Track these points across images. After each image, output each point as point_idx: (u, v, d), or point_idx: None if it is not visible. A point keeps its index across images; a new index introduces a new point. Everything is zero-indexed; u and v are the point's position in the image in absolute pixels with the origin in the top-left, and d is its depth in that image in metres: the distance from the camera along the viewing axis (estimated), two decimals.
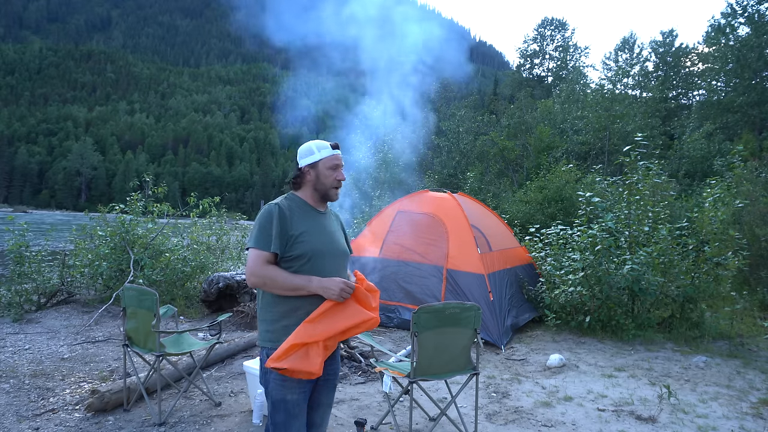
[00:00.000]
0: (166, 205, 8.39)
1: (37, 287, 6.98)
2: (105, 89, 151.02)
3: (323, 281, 2.11)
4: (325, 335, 2.02)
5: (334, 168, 2.29)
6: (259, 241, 2.14)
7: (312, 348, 2.00)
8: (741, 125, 22.07)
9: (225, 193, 23.15)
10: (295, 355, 1.99)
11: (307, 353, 1.99)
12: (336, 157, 2.31)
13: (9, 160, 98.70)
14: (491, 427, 3.77)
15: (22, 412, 3.75)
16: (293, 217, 2.19)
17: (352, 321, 2.08)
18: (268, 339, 2.16)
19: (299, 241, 2.16)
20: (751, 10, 22.64)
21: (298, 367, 1.97)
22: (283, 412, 2.11)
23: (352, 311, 2.10)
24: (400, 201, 7.40)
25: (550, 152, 19.55)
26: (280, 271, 2.12)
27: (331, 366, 2.29)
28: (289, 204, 2.24)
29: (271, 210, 2.17)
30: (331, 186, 2.29)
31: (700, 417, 4.01)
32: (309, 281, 2.10)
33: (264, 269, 2.11)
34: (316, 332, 2.02)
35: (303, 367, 1.97)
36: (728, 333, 6.38)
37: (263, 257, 2.12)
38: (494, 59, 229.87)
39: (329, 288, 2.09)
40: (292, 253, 2.15)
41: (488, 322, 5.78)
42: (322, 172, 2.28)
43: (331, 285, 2.09)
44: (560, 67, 40.43)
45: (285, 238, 2.14)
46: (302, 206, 2.28)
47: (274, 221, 2.14)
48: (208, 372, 4.71)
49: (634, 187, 7.00)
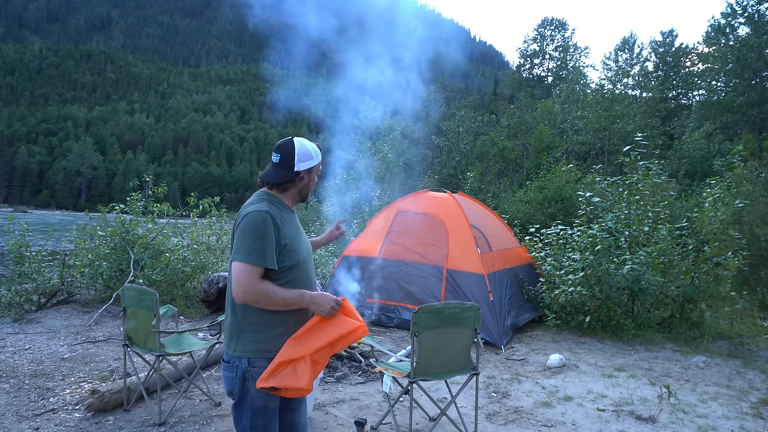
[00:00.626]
0: (166, 205, 8.39)
1: (37, 287, 6.98)
2: (105, 89, 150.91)
3: (315, 297, 2.04)
4: (311, 349, 1.98)
5: (317, 173, 2.25)
6: (252, 255, 1.95)
7: (299, 364, 1.96)
8: (741, 125, 22.06)
9: (225, 193, 23.16)
10: (282, 373, 1.95)
11: (294, 370, 1.95)
12: (320, 163, 2.25)
13: (9, 160, 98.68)
14: (491, 427, 3.77)
15: (22, 412, 3.75)
16: (283, 224, 2.07)
17: (339, 332, 2.04)
18: (251, 349, 2.04)
19: (290, 249, 2.08)
20: (751, 10, 22.64)
21: (286, 385, 1.94)
22: (264, 417, 2.07)
23: (339, 322, 2.06)
24: (400, 201, 7.40)
25: (550, 152, 19.56)
26: (276, 287, 2.00)
27: None
28: (276, 210, 2.08)
29: (265, 220, 1.99)
30: (311, 191, 2.26)
31: (700, 417, 4.01)
32: (302, 297, 2.03)
33: (259, 286, 1.96)
34: (302, 348, 1.98)
35: (292, 383, 1.93)
36: (728, 333, 6.38)
37: (257, 273, 1.96)
38: (494, 59, 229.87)
39: (320, 304, 2.03)
40: (286, 263, 2.05)
41: (488, 322, 5.79)
42: (312, 178, 2.22)
43: (321, 301, 2.04)
44: (560, 67, 40.44)
45: (278, 250, 2.03)
46: (284, 209, 2.16)
47: (268, 233, 1.99)
48: (208, 372, 4.71)
49: (634, 187, 6.99)
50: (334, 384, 4.51)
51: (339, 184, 11.71)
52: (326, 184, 11.81)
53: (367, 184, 12.74)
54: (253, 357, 2.04)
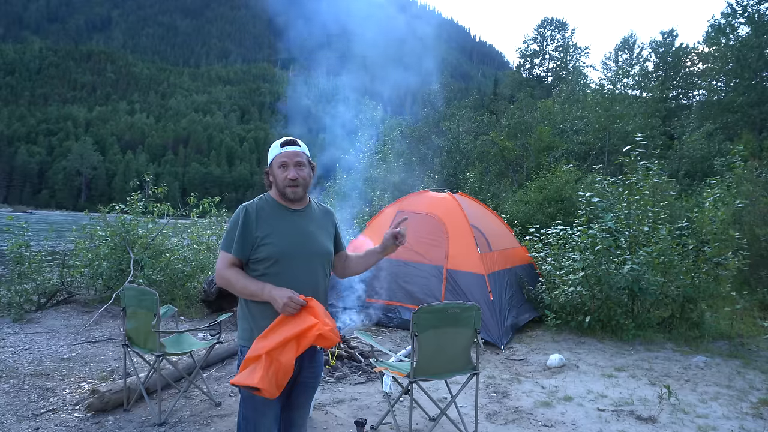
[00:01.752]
0: (166, 205, 8.38)
1: (37, 287, 6.98)
2: (105, 89, 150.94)
3: (273, 291, 2.04)
4: (268, 347, 1.98)
5: (283, 166, 2.19)
6: (224, 243, 2.17)
7: (258, 362, 1.97)
8: (741, 125, 22.06)
9: (225, 193, 23.14)
10: (245, 371, 1.99)
11: (253, 368, 1.97)
12: (283, 155, 2.20)
13: (9, 160, 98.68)
14: (491, 427, 3.77)
15: (22, 412, 3.74)
16: (260, 218, 2.16)
17: (294, 329, 2.01)
18: (242, 337, 2.19)
19: (264, 243, 2.12)
20: (751, 10, 22.65)
21: (243, 382, 1.96)
22: (252, 409, 2.13)
23: (297, 320, 2.03)
24: (400, 201, 7.40)
25: (550, 152, 19.56)
26: (240, 276, 2.12)
27: (310, 370, 2.25)
28: (260, 205, 2.21)
29: (238, 213, 2.18)
30: (284, 185, 2.19)
31: (700, 417, 4.01)
32: (262, 289, 2.07)
33: (226, 272, 2.13)
34: (260, 345, 2.00)
35: (246, 382, 1.95)
36: (728, 333, 6.38)
37: (227, 259, 2.14)
38: (494, 59, 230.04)
39: (275, 299, 2.03)
40: (258, 255, 2.13)
41: (488, 322, 5.78)
42: (274, 172, 2.23)
43: (277, 296, 2.03)
44: (560, 67, 40.44)
45: (249, 241, 2.13)
46: (274, 206, 2.23)
47: (239, 224, 2.14)
48: (208, 372, 4.70)
49: (634, 187, 7.00)
50: (334, 384, 4.51)
51: (339, 184, 11.71)
52: (325, 185, 11.81)
53: (367, 184, 12.74)
54: (244, 345, 2.16)
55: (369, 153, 14.02)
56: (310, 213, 2.30)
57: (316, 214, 2.33)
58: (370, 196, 12.86)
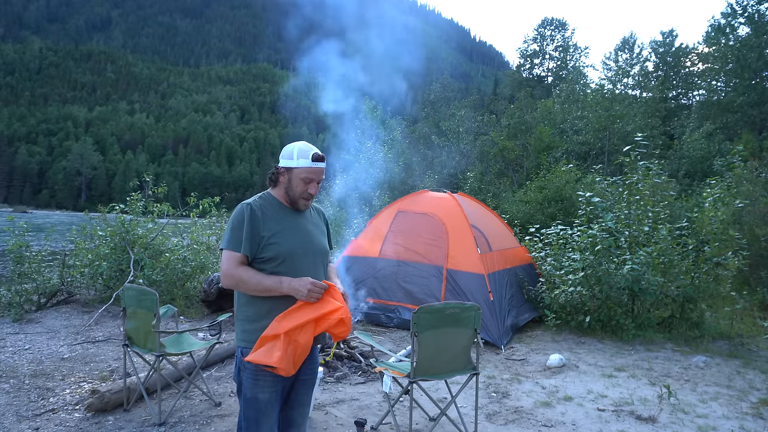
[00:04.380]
0: (166, 205, 8.38)
1: (37, 287, 6.98)
2: (105, 89, 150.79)
3: (293, 282, 2.08)
4: (287, 327, 2.02)
5: (307, 181, 2.21)
6: (230, 242, 2.13)
7: (276, 341, 2.01)
8: (741, 125, 22.06)
9: (225, 193, 23.18)
10: (261, 349, 2.01)
11: (271, 347, 2.01)
12: (312, 171, 2.20)
13: (9, 160, 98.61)
14: (491, 427, 3.77)
15: (22, 412, 3.75)
16: (265, 217, 2.17)
17: (318, 312, 2.06)
18: (242, 339, 2.18)
19: (271, 242, 2.14)
20: (751, 10, 22.65)
21: (259, 360, 2.00)
22: (254, 409, 2.12)
23: (320, 303, 2.09)
24: (400, 201, 7.40)
25: (550, 152, 19.54)
26: (252, 273, 2.11)
27: (308, 366, 2.27)
28: (262, 204, 2.21)
29: (243, 211, 2.15)
30: (300, 196, 2.23)
31: (700, 417, 4.01)
32: (280, 283, 2.09)
33: (236, 271, 2.10)
34: (280, 326, 2.03)
35: (263, 359, 1.99)
36: (728, 333, 6.38)
37: (235, 258, 2.12)
38: (494, 59, 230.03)
39: (298, 289, 2.07)
40: (265, 254, 2.13)
41: (488, 322, 5.78)
42: (294, 180, 2.21)
43: (299, 286, 2.07)
44: (560, 67, 40.39)
45: (256, 240, 2.13)
46: (276, 206, 2.24)
47: (246, 223, 2.12)
48: (208, 372, 4.71)
49: (634, 187, 6.99)
50: (334, 384, 4.51)
51: (340, 183, 11.71)
52: (327, 184, 11.80)
53: (367, 184, 12.73)
54: (244, 346, 2.15)
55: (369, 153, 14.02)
56: (307, 212, 2.35)
57: (311, 213, 2.39)
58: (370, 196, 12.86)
